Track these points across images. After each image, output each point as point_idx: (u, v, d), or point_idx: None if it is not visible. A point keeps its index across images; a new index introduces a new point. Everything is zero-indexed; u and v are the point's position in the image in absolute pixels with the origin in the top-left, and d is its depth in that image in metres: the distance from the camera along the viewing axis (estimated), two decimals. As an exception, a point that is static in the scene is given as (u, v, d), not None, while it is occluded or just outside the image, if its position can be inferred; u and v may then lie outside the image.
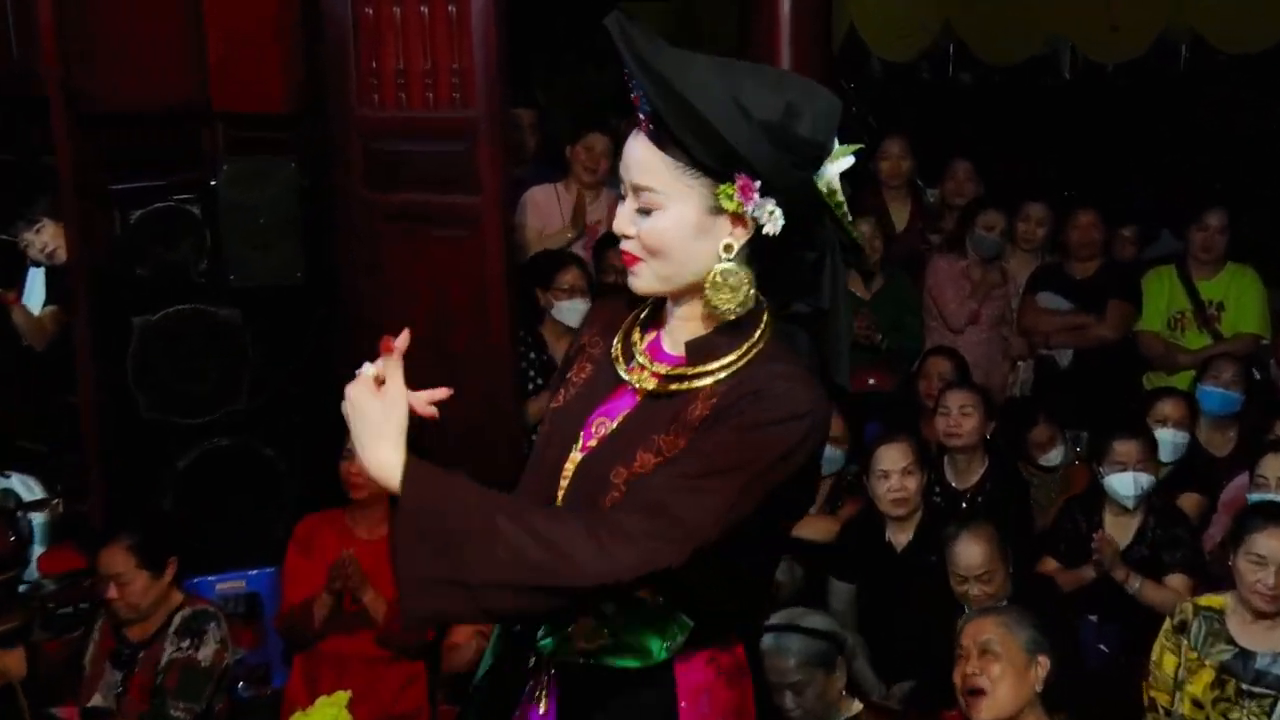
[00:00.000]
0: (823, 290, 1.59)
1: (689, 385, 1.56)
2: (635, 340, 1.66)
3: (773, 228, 1.52)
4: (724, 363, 1.56)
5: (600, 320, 1.75)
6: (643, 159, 1.54)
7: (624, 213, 1.58)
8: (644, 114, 1.52)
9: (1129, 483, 3.77)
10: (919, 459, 3.85)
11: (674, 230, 1.54)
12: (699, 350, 1.58)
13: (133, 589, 3.37)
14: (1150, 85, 8.23)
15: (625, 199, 1.58)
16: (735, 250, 1.55)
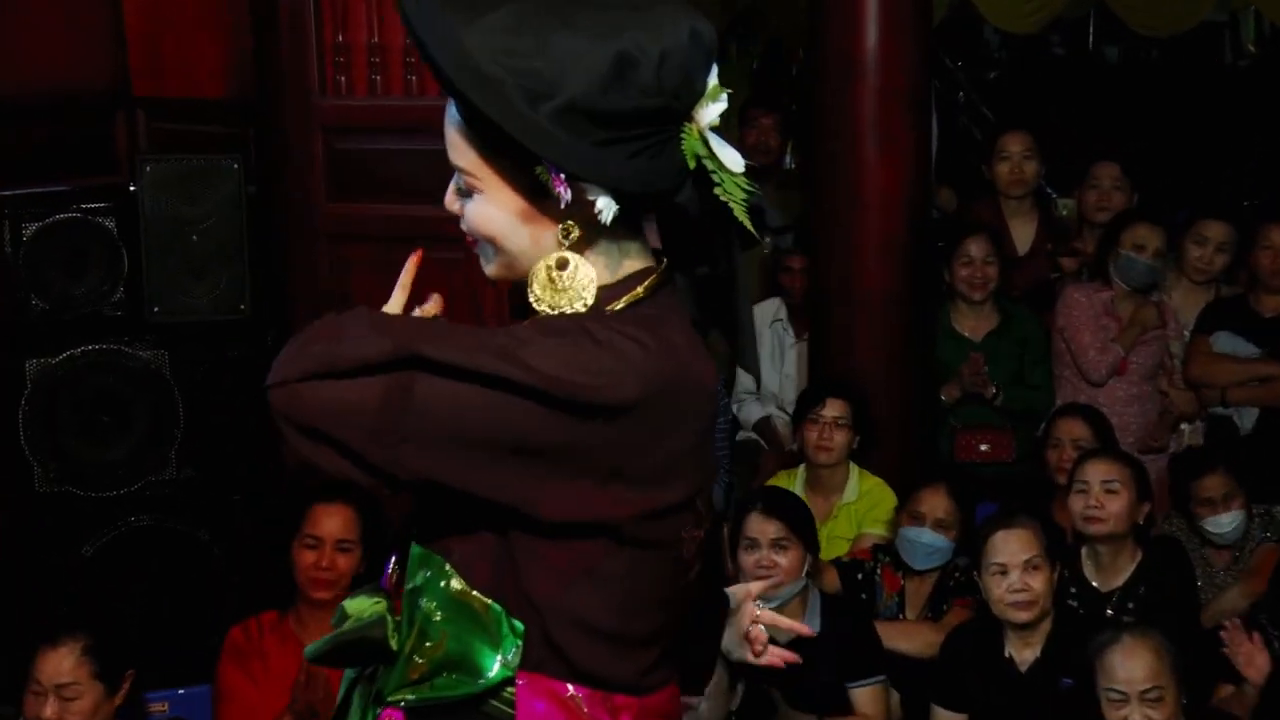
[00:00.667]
0: (717, 257, 1.75)
1: None
2: None
3: (606, 217, 1.63)
4: None
5: None
6: (449, 136, 1.69)
7: (449, 194, 1.74)
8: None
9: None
10: (1047, 550, 3.79)
11: (496, 217, 1.70)
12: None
13: (79, 706, 3.30)
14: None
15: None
16: (574, 236, 1.67)
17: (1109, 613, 4.00)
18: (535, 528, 1.64)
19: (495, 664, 1.69)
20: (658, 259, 1.75)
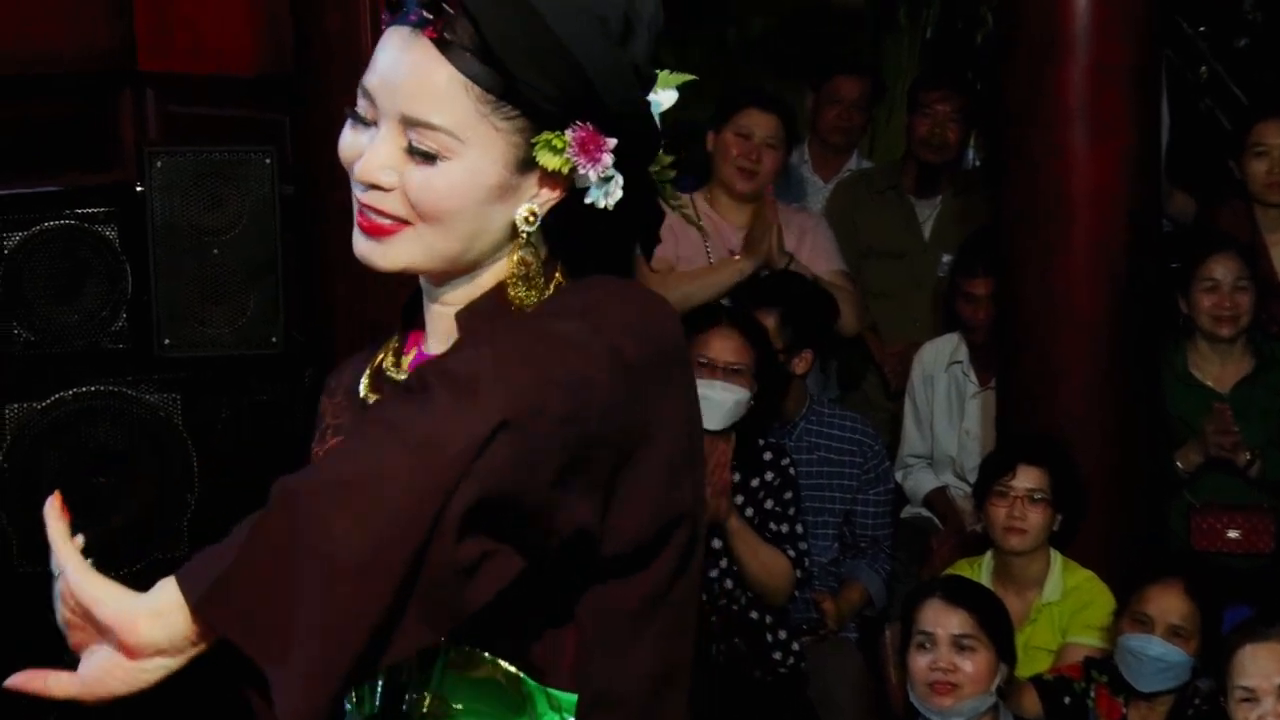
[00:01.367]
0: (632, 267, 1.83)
1: None
2: (389, 366, 1.88)
3: (606, 199, 1.69)
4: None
5: (341, 386, 1.96)
6: (432, 82, 1.66)
7: (381, 153, 1.69)
8: (424, 9, 1.65)
9: None
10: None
11: (465, 189, 1.69)
12: (473, 316, 1.77)
13: None
14: None
15: (374, 129, 1.70)
16: (537, 222, 1.72)
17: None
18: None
19: None
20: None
